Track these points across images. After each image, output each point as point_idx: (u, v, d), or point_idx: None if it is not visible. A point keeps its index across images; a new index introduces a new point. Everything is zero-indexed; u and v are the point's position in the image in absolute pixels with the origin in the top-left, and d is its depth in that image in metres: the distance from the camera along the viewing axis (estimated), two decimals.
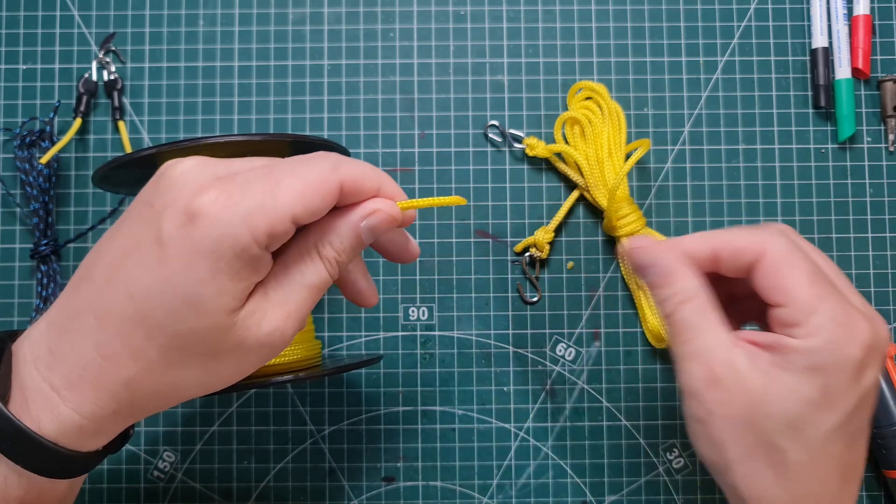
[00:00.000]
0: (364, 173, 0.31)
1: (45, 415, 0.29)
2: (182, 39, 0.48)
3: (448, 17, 0.49)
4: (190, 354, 0.29)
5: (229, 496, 0.46)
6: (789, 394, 0.31)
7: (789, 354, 0.31)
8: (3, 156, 0.48)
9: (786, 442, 0.31)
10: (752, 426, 0.32)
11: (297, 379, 0.35)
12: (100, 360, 0.29)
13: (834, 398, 0.31)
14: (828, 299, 0.32)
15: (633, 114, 0.48)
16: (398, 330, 0.47)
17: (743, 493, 0.33)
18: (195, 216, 0.28)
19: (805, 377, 0.31)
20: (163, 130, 0.48)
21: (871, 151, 0.48)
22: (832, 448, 0.32)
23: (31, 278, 0.47)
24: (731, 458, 0.32)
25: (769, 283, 0.32)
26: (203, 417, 0.47)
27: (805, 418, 0.31)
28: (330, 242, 0.31)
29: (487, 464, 0.47)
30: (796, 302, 0.32)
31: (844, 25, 0.48)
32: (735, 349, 0.32)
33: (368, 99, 0.48)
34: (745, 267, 0.33)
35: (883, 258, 0.48)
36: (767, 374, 0.32)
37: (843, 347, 0.31)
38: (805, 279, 0.32)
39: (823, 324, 0.31)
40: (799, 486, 0.32)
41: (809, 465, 0.32)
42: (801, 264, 0.32)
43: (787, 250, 0.33)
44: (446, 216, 0.48)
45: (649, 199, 0.48)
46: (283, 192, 0.29)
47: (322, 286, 0.32)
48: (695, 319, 0.33)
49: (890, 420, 0.44)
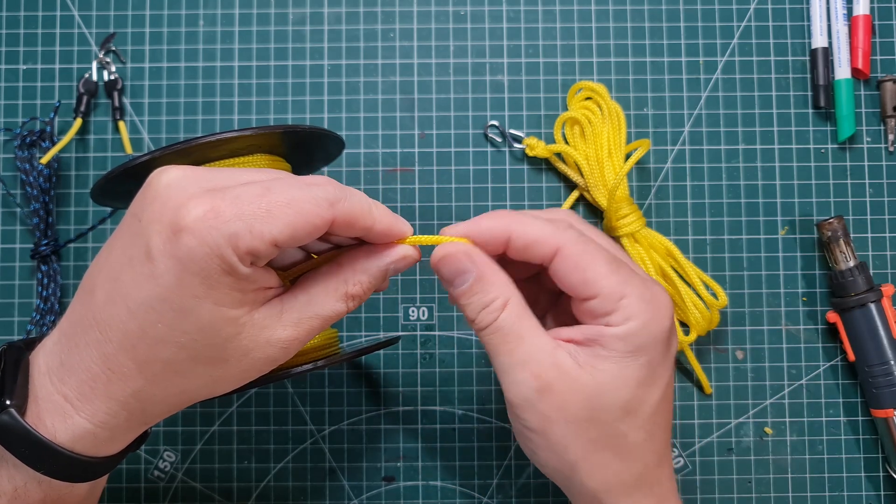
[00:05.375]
0: (362, 213, 0.31)
1: (60, 424, 0.30)
2: (182, 39, 0.48)
3: (448, 17, 0.49)
4: (196, 363, 0.30)
5: (230, 496, 0.46)
6: (620, 381, 0.32)
7: (611, 343, 0.32)
8: (4, 156, 0.48)
9: (625, 427, 0.32)
10: (592, 422, 0.32)
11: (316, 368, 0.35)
12: (108, 373, 0.30)
13: (655, 373, 0.33)
14: (631, 282, 0.32)
15: (633, 114, 0.48)
16: (398, 330, 0.47)
17: (592, 487, 0.33)
18: (180, 231, 0.28)
19: (629, 361, 0.32)
20: (163, 130, 0.48)
21: (871, 151, 0.48)
22: (659, 419, 0.33)
23: (32, 278, 0.47)
24: (576, 458, 0.33)
25: (573, 279, 0.33)
26: (203, 417, 0.47)
27: (637, 399, 0.32)
28: (360, 282, 0.32)
29: (487, 464, 0.47)
30: (604, 291, 0.32)
31: (844, 25, 0.48)
32: (558, 351, 0.32)
33: (368, 99, 0.48)
34: (537, 257, 0.33)
35: (883, 258, 0.48)
36: (595, 369, 0.32)
37: (656, 324, 0.32)
38: (606, 268, 0.32)
39: (635, 306, 0.32)
40: (639, 463, 0.33)
41: (646, 441, 0.33)
42: (598, 255, 0.33)
43: (582, 242, 0.33)
44: (446, 216, 0.48)
45: (649, 199, 0.48)
46: (274, 220, 0.28)
47: (335, 318, 0.32)
48: (516, 325, 0.33)
49: (881, 359, 0.44)
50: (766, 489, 0.47)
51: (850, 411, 0.47)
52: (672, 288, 0.45)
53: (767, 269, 0.48)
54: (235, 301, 0.29)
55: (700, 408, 0.47)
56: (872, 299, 0.45)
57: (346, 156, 0.48)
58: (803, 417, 0.47)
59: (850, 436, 0.47)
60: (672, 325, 0.33)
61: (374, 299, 0.47)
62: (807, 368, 0.47)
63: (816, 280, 0.48)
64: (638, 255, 0.45)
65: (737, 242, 0.48)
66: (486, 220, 0.34)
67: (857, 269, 0.45)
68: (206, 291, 0.28)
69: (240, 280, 0.29)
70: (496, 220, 0.34)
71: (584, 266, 0.32)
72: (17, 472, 0.30)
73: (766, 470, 0.47)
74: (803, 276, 0.48)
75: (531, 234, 0.33)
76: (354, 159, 0.48)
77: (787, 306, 0.47)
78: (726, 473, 0.47)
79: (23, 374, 0.30)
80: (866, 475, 0.47)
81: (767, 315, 0.47)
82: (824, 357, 0.47)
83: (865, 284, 0.45)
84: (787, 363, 0.47)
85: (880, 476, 0.47)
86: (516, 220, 0.33)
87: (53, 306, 0.46)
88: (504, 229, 0.33)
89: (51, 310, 0.46)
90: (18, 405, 0.29)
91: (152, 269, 0.28)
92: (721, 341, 0.47)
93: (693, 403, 0.47)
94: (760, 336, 0.47)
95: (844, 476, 0.47)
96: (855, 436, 0.47)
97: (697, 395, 0.47)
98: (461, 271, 0.33)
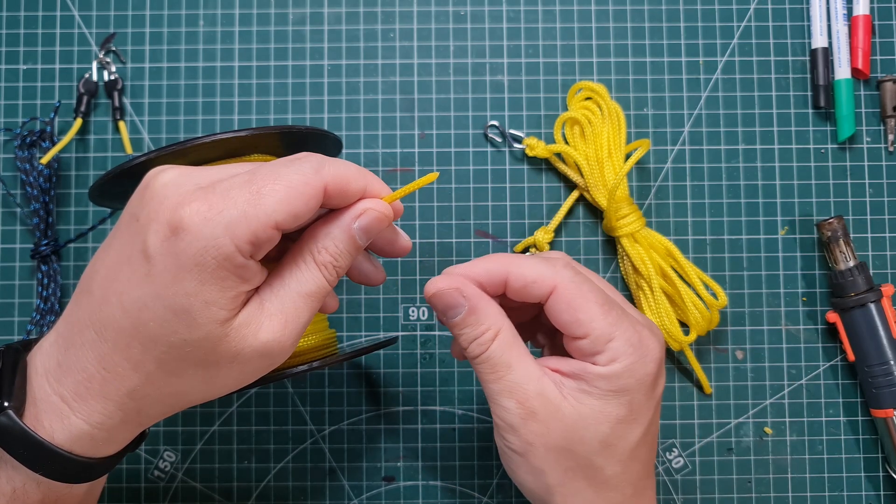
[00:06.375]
0: (349, 174, 0.31)
1: (57, 425, 0.30)
2: (182, 39, 0.48)
3: (448, 17, 0.49)
4: (188, 365, 0.30)
5: (230, 496, 0.46)
6: (600, 417, 0.33)
7: (595, 381, 0.33)
8: (4, 156, 0.48)
9: (601, 460, 0.34)
10: (570, 452, 0.33)
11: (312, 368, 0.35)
12: (103, 373, 0.30)
13: (637, 412, 0.34)
14: (621, 325, 0.34)
15: (633, 114, 0.48)
16: (398, 330, 0.47)
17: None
18: (178, 229, 0.28)
19: (611, 399, 0.33)
20: (163, 130, 0.48)
21: (871, 151, 0.48)
22: (639, 453, 0.34)
23: (32, 278, 0.47)
24: (552, 482, 0.34)
25: (566, 318, 0.34)
26: (203, 417, 0.47)
27: (616, 436, 0.33)
28: (325, 247, 0.31)
29: (487, 464, 0.47)
30: (594, 332, 0.33)
31: (844, 25, 0.48)
32: (545, 380, 0.34)
33: (368, 99, 0.48)
34: (534, 296, 0.34)
35: (883, 258, 0.48)
36: (578, 402, 0.33)
37: (641, 368, 0.34)
38: (598, 310, 0.33)
39: (621, 349, 0.33)
40: (615, 493, 0.34)
41: (623, 473, 0.34)
42: (591, 296, 0.34)
43: (577, 283, 0.34)
44: (446, 216, 0.48)
45: (649, 199, 0.48)
46: (265, 199, 0.28)
47: (319, 293, 0.32)
48: (505, 355, 0.34)
49: (881, 359, 0.44)
50: (766, 489, 0.47)
51: (850, 411, 0.47)
52: (672, 288, 0.45)
53: (767, 269, 0.48)
54: (227, 301, 0.29)
55: (700, 408, 0.47)
56: (872, 299, 0.45)
57: (346, 156, 0.48)
58: (803, 417, 0.47)
59: (850, 436, 0.47)
60: (658, 369, 0.34)
61: (374, 299, 0.47)
62: (807, 368, 0.47)
63: (816, 280, 0.48)
64: (638, 255, 0.45)
65: (737, 242, 0.48)
66: (484, 262, 0.35)
67: (857, 269, 0.45)
68: (199, 288, 0.28)
69: (233, 274, 0.29)
70: (494, 262, 0.35)
71: (576, 306, 0.34)
72: (15, 473, 0.30)
73: (766, 470, 0.47)
74: (803, 276, 0.48)
75: (528, 274, 0.34)
76: (354, 159, 0.48)
77: (787, 306, 0.47)
78: (726, 473, 0.47)
79: (20, 376, 0.30)
80: (866, 475, 0.47)
81: (767, 315, 0.47)
82: (824, 357, 0.47)
83: (865, 284, 0.45)
84: (787, 363, 0.47)
85: (880, 476, 0.47)
86: (514, 262, 0.35)
87: (53, 306, 0.46)
88: (502, 270, 0.35)
89: (51, 310, 0.46)
90: (17, 407, 0.30)
91: (149, 267, 0.28)
92: (721, 341, 0.47)
93: (693, 403, 0.47)
94: (760, 336, 0.47)
95: (844, 476, 0.47)
96: (855, 436, 0.47)
97: (697, 395, 0.47)
98: (452, 305, 0.34)
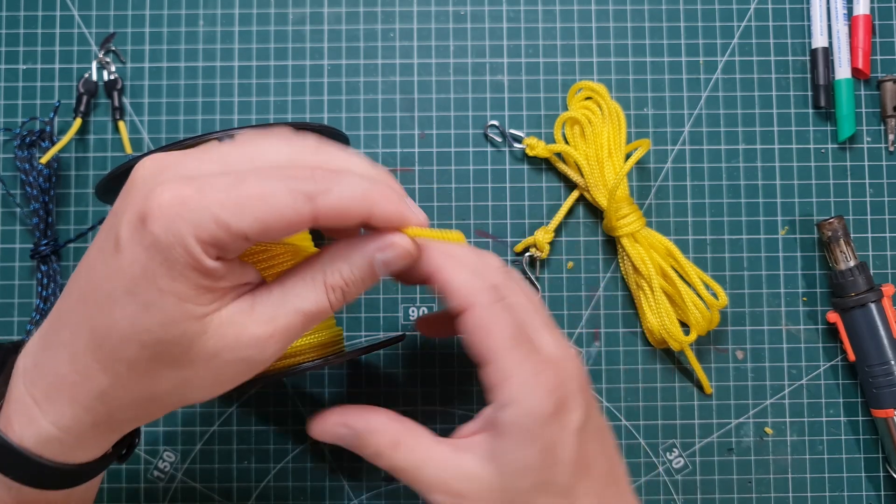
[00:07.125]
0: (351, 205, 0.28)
1: (27, 428, 0.29)
2: (182, 39, 0.48)
3: (448, 17, 0.49)
4: (161, 365, 0.28)
5: (229, 496, 0.46)
6: (522, 468, 0.31)
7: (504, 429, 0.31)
8: (3, 156, 0.48)
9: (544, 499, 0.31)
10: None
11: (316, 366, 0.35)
12: (74, 374, 0.28)
13: (554, 449, 0.31)
14: (522, 362, 0.31)
15: (633, 114, 0.48)
16: (398, 330, 0.47)
17: None
18: (146, 218, 0.26)
19: (524, 445, 0.31)
20: (163, 130, 0.48)
21: (871, 151, 0.48)
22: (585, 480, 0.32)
23: (32, 278, 0.47)
24: None
25: (475, 341, 0.32)
26: (203, 417, 0.47)
27: (545, 479, 0.31)
28: (339, 271, 0.30)
29: None
30: (496, 365, 0.31)
31: (844, 25, 0.48)
32: (461, 457, 0.32)
33: (368, 99, 0.48)
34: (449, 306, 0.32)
35: (883, 258, 0.48)
36: (498, 462, 0.32)
37: (536, 408, 0.31)
38: (505, 343, 0.31)
39: (516, 391, 0.31)
40: None
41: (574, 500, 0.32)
42: (503, 325, 0.32)
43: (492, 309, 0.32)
44: (446, 216, 0.48)
45: (649, 199, 0.48)
46: (242, 212, 0.27)
47: (318, 315, 0.30)
48: (410, 459, 0.33)
49: (881, 359, 0.44)
50: (767, 489, 0.47)
51: (851, 411, 0.47)
52: (672, 288, 0.45)
53: (767, 269, 0.48)
54: (201, 297, 0.27)
55: (700, 408, 0.47)
56: (872, 299, 0.45)
57: None
58: (803, 417, 0.47)
59: (851, 436, 0.47)
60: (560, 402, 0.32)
61: (374, 299, 0.47)
62: (807, 368, 0.47)
63: (816, 280, 0.48)
64: (638, 255, 0.45)
65: (737, 242, 0.48)
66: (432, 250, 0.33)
67: (857, 269, 0.45)
68: (170, 284, 0.27)
69: (206, 275, 0.27)
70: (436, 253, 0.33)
71: (486, 331, 0.32)
72: None
73: (767, 470, 0.47)
74: (803, 276, 0.48)
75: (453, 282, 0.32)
76: None
77: (787, 306, 0.47)
78: (726, 473, 0.47)
79: (4, 377, 0.30)
80: (866, 475, 0.47)
81: (767, 315, 0.47)
82: (824, 357, 0.47)
83: (865, 284, 0.45)
84: (788, 363, 0.47)
85: (880, 476, 0.47)
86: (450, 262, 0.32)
87: None
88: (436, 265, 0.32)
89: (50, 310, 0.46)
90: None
91: (120, 259, 0.27)
92: (721, 341, 0.47)
93: (693, 403, 0.47)
94: (760, 336, 0.47)
95: (844, 476, 0.47)
96: (855, 436, 0.47)
97: (697, 395, 0.47)
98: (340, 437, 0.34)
